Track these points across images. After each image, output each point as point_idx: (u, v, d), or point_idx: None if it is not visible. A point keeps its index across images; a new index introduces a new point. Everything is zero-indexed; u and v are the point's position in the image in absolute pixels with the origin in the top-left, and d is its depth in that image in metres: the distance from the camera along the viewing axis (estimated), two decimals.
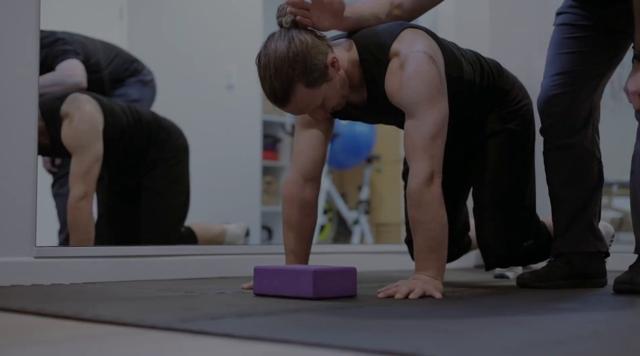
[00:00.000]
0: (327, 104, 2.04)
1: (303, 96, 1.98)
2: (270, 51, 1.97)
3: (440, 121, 1.98)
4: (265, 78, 1.98)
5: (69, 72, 3.22)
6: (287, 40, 1.97)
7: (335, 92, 2.04)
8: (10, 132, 2.32)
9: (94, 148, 2.94)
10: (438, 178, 1.98)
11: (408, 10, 2.20)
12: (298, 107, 2.01)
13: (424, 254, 1.98)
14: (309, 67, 1.96)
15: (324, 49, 2.01)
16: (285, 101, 1.99)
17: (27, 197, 2.32)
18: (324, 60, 1.99)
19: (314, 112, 2.05)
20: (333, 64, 2.00)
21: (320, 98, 2.00)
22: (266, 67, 1.97)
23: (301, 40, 1.97)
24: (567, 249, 2.30)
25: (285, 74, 1.95)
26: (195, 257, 2.79)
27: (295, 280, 1.93)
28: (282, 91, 1.97)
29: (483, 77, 2.26)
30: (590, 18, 2.28)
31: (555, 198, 2.34)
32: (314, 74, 1.96)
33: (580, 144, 2.30)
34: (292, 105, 2.00)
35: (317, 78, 1.97)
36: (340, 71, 2.03)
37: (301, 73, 1.95)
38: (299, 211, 2.22)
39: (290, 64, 1.94)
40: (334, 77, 2.02)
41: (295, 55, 1.95)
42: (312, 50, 1.97)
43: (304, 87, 1.96)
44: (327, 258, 3.14)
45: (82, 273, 2.43)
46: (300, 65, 1.95)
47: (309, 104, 2.00)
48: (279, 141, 5.83)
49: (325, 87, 2.00)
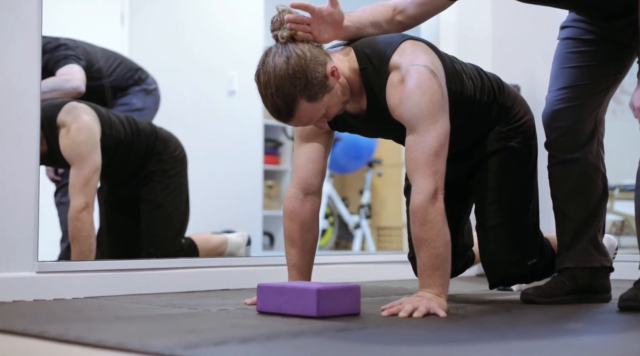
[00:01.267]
0: (330, 113, 2.04)
1: (306, 110, 1.97)
2: (269, 68, 1.95)
3: (442, 136, 1.97)
4: (266, 96, 1.97)
5: (67, 76, 3.22)
6: (286, 56, 1.95)
7: (337, 100, 2.03)
8: (11, 149, 2.31)
9: (93, 158, 2.93)
10: (441, 195, 1.96)
11: (411, 16, 2.18)
12: (302, 121, 2.01)
13: (428, 271, 1.97)
14: (310, 81, 1.95)
15: (323, 58, 2.00)
16: (289, 117, 1.99)
17: (28, 212, 2.31)
18: (324, 71, 1.98)
19: (318, 122, 2.05)
20: (333, 73, 1.99)
21: (323, 109, 2.00)
22: (267, 85, 1.95)
23: (299, 55, 1.96)
24: (571, 264, 2.29)
25: (287, 92, 1.94)
26: (197, 270, 2.78)
27: (298, 298, 1.92)
28: (285, 108, 1.96)
29: (484, 93, 2.24)
30: (595, 32, 2.27)
31: (559, 212, 2.33)
32: (315, 87, 1.96)
33: (585, 158, 2.29)
34: (296, 120, 2.00)
35: (319, 91, 1.96)
36: (340, 78, 2.02)
37: (303, 89, 1.94)
38: (300, 226, 2.21)
39: (291, 80, 1.93)
40: (335, 85, 2.01)
41: (295, 72, 1.93)
42: (312, 63, 1.96)
43: (307, 102, 1.96)
44: (329, 269, 3.13)
45: (84, 287, 2.43)
46: (301, 81, 1.94)
47: (312, 117, 2.00)
48: (280, 145, 5.83)
49: (327, 98, 1.99)
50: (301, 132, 2.22)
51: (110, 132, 3.05)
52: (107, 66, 3.50)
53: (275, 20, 2.03)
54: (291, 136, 5.47)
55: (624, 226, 5.97)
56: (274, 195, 5.80)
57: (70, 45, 3.35)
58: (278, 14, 2.03)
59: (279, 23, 2.02)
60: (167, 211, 3.24)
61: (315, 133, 2.21)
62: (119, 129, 3.09)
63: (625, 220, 5.89)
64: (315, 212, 2.24)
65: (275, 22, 2.03)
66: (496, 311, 2.10)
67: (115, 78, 3.51)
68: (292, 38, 2.00)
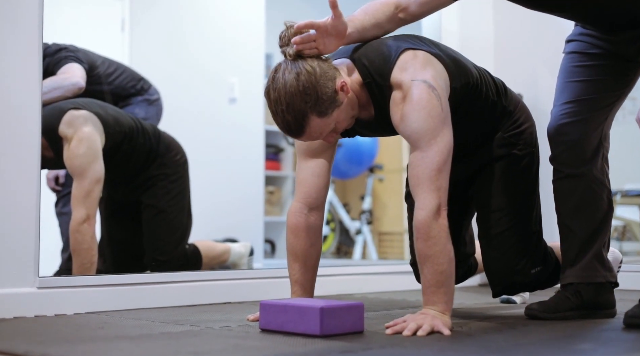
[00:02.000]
0: (339, 127, 2.05)
1: (317, 125, 1.99)
2: (279, 85, 1.96)
3: (444, 150, 1.96)
4: (277, 113, 1.97)
5: (67, 74, 3.22)
6: (295, 73, 1.96)
7: (346, 115, 2.05)
8: (12, 165, 2.29)
9: (94, 170, 2.91)
10: (444, 211, 1.96)
11: (413, 14, 2.17)
12: (312, 136, 2.02)
13: (432, 288, 1.96)
14: (320, 97, 1.95)
15: (332, 73, 2.00)
16: (300, 133, 2.00)
17: (29, 228, 2.30)
18: (333, 86, 1.98)
19: (327, 137, 2.05)
20: (342, 88, 2.00)
21: (333, 123, 2.02)
22: (277, 102, 1.96)
23: (309, 71, 1.96)
24: (575, 279, 2.27)
25: (298, 108, 1.94)
26: (199, 283, 2.76)
27: (301, 317, 1.90)
28: (296, 124, 1.97)
29: (489, 87, 2.24)
30: (601, 46, 2.25)
31: (564, 227, 2.32)
32: (326, 103, 1.97)
33: (590, 173, 2.27)
34: (307, 135, 2.01)
35: (329, 106, 1.98)
36: (349, 93, 2.03)
37: (313, 105, 1.95)
38: (303, 241, 2.20)
39: (301, 97, 1.94)
40: (344, 100, 2.01)
41: (305, 89, 1.94)
42: (321, 79, 1.97)
43: (317, 118, 1.97)
44: (331, 281, 3.12)
45: (86, 302, 2.41)
46: (311, 97, 1.94)
47: (322, 131, 2.02)
48: (281, 151, 5.82)
49: (336, 113, 2.00)
50: (305, 146, 2.21)
51: (114, 129, 3.04)
52: (109, 72, 3.49)
53: (283, 36, 2.03)
54: (292, 142, 5.47)
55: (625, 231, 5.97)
56: (275, 201, 5.79)
57: (71, 48, 3.36)
58: (286, 30, 2.02)
59: (287, 39, 2.02)
60: (169, 217, 3.23)
61: (319, 148, 2.21)
62: (123, 123, 3.08)
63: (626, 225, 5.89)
64: (319, 227, 2.24)
65: (283, 38, 2.03)
66: (501, 328, 2.08)
67: (117, 86, 3.51)
68: (300, 55, 2.00)
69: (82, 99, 3.13)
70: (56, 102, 3.06)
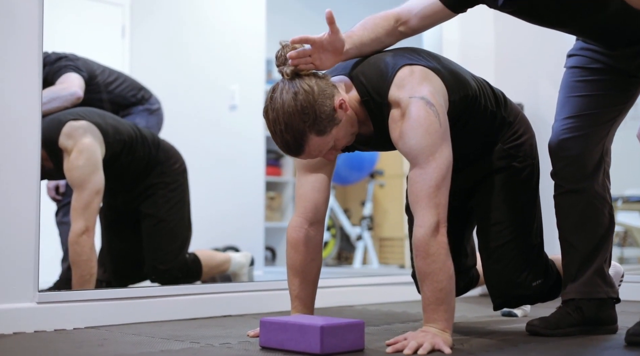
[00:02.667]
0: (338, 145, 2.05)
1: (316, 144, 1.98)
2: (277, 106, 1.95)
3: (443, 166, 1.95)
4: (276, 133, 1.97)
5: (65, 84, 3.22)
6: (293, 92, 1.95)
7: (346, 132, 2.04)
8: (12, 179, 2.29)
9: (93, 181, 2.90)
10: (443, 227, 1.95)
11: (414, 27, 2.18)
12: (311, 154, 2.02)
13: (432, 306, 1.95)
14: (319, 116, 1.95)
15: (330, 91, 2.00)
16: (299, 152, 2.00)
17: (29, 243, 2.30)
18: (332, 104, 1.98)
19: (327, 154, 2.05)
20: (341, 106, 2.00)
21: (332, 142, 2.01)
22: (276, 122, 1.96)
23: (306, 90, 1.96)
24: (577, 295, 2.26)
25: (296, 128, 1.94)
26: (199, 296, 2.76)
27: (302, 335, 1.90)
28: (295, 144, 1.97)
29: (488, 98, 2.23)
30: (602, 61, 2.24)
31: (565, 243, 2.31)
32: (324, 121, 1.96)
33: (591, 188, 2.26)
34: (306, 153, 2.01)
35: (327, 124, 1.97)
36: (348, 111, 2.02)
37: (312, 124, 1.95)
38: (304, 256, 2.20)
39: (300, 117, 1.94)
40: (343, 118, 2.01)
41: (303, 108, 1.93)
42: (319, 98, 1.96)
43: (316, 136, 1.97)
44: (332, 292, 3.11)
45: (85, 317, 2.41)
46: (310, 117, 1.94)
47: (321, 150, 2.01)
48: (282, 157, 5.81)
49: (335, 131, 2.00)
50: (305, 161, 2.20)
51: (113, 138, 3.03)
52: (109, 81, 3.49)
53: (279, 56, 2.02)
54: None
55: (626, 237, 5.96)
56: (276, 207, 5.79)
57: (71, 57, 3.36)
58: (281, 49, 2.02)
59: (283, 58, 2.01)
60: (169, 226, 3.22)
61: (319, 163, 2.20)
62: (122, 132, 3.08)
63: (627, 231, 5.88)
64: (319, 242, 2.23)
65: (279, 58, 2.02)
66: (502, 346, 2.07)
67: (118, 95, 3.51)
68: (297, 74, 1.99)
69: (81, 108, 3.12)
70: (55, 113, 3.06)
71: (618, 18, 2.06)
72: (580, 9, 2.07)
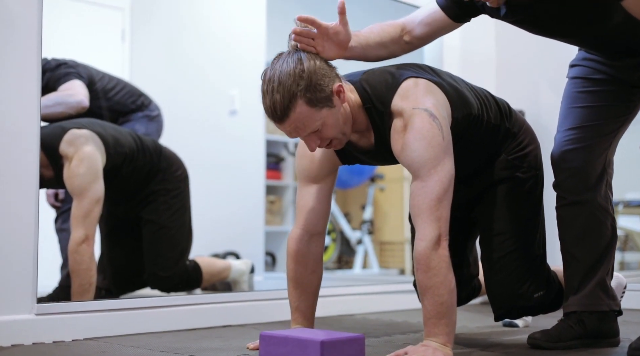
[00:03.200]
0: (325, 133, 1.99)
1: (302, 114, 1.93)
2: (277, 66, 1.95)
3: (445, 180, 1.94)
4: (267, 91, 1.95)
5: (70, 91, 3.20)
6: (296, 58, 1.95)
7: (336, 122, 1.99)
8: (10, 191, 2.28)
9: (93, 190, 2.89)
10: (445, 241, 1.93)
11: (418, 37, 2.17)
12: (295, 126, 1.96)
13: (433, 319, 1.93)
14: (313, 85, 1.93)
15: (332, 75, 1.99)
16: (283, 116, 1.94)
17: (27, 255, 2.29)
18: (330, 84, 1.96)
19: (309, 138, 1.99)
20: (339, 94, 1.97)
21: (319, 122, 1.96)
22: (270, 80, 1.94)
23: (309, 61, 1.96)
24: (579, 308, 2.25)
25: (288, 88, 1.91)
26: (198, 306, 2.74)
27: (302, 350, 1.88)
28: (282, 104, 1.92)
29: (491, 113, 2.22)
30: (605, 72, 2.23)
31: (567, 255, 2.29)
32: (318, 94, 1.93)
33: (593, 200, 2.25)
34: (290, 122, 1.95)
35: (320, 99, 1.94)
36: (344, 103, 2.00)
37: (304, 89, 1.92)
38: (304, 267, 2.19)
39: (294, 79, 1.92)
40: (338, 105, 1.98)
41: (301, 72, 1.92)
42: (319, 71, 1.95)
43: (305, 105, 1.93)
44: (332, 301, 3.10)
45: (84, 328, 2.40)
46: (304, 81, 1.92)
47: (306, 125, 1.96)
48: (282, 160, 5.79)
49: (326, 112, 1.96)
50: (307, 172, 2.19)
51: (114, 150, 3.02)
52: (109, 88, 3.48)
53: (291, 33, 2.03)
54: (292, 151, 5.45)
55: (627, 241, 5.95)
56: (276, 210, 5.77)
57: (71, 64, 3.35)
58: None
59: None
60: (170, 232, 3.21)
61: (321, 174, 2.19)
62: (123, 144, 3.06)
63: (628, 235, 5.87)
64: (320, 253, 2.22)
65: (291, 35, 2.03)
66: None
67: (117, 102, 3.49)
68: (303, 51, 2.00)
69: (83, 118, 3.11)
70: (58, 122, 3.05)
71: (621, 29, 2.05)
72: (583, 20, 2.06)
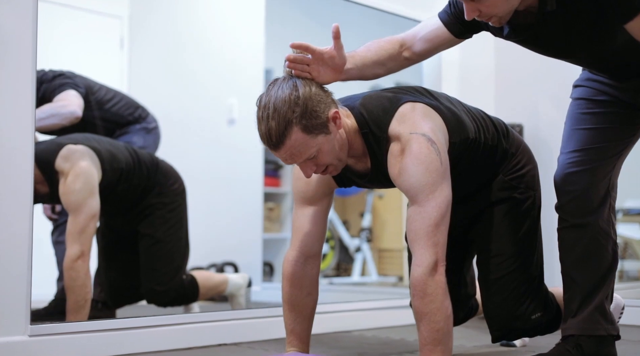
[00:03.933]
0: (321, 159, 1.97)
1: (298, 141, 1.91)
2: (272, 93, 1.93)
3: (442, 205, 1.93)
4: (262, 118, 1.92)
5: (64, 102, 3.19)
6: (291, 84, 1.93)
7: (332, 148, 1.97)
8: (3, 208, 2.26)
9: (89, 205, 2.87)
10: (442, 267, 1.92)
11: (418, 53, 2.16)
12: (291, 153, 1.94)
13: (429, 346, 1.92)
14: (309, 112, 1.90)
15: (328, 101, 1.96)
16: (279, 143, 1.92)
17: (21, 276, 2.27)
18: (326, 111, 1.94)
19: (305, 165, 1.98)
20: (335, 120, 1.95)
21: (315, 149, 1.94)
22: (265, 107, 1.92)
23: (304, 88, 1.93)
24: (577, 331, 2.23)
25: (283, 115, 1.89)
26: (193, 325, 2.72)
27: None
28: (277, 131, 1.90)
29: (488, 135, 2.21)
30: (608, 93, 2.20)
31: (567, 277, 2.27)
32: (313, 120, 1.91)
33: (595, 223, 2.22)
34: (286, 148, 1.92)
35: (316, 126, 1.91)
36: (340, 129, 1.98)
37: (300, 116, 1.89)
38: (300, 290, 2.18)
39: (290, 105, 1.89)
40: (334, 132, 1.96)
41: (296, 98, 1.90)
42: (315, 98, 1.93)
43: (301, 132, 1.90)
44: (328, 318, 3.08)
45: (79, 349, 2.38)
46: (300, 108, 1.90)
47: (302, 152, 1.93)
48: (280, 168, 5.78)
49: (322, 139, 1.94)
50: (303, 194, 2.18)
51: (110, 165, 3.00)
52: (106, 99, 3.46)
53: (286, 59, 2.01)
54: None
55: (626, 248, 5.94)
56: (275, 218, 5.75)
57: (68, 75, 3.33)
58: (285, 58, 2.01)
59: None
60: (167, 247, 3.19)
61: (317, 196, 2.17)
62: (119, 159, 3.04)
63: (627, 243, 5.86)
64: (316, 275, 2.21)
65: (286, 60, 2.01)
66: None
67: (115, 114, 3.48)
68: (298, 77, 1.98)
69: (79, 134, 3.09)
70: (52, 133, 3.04)
71: (625, 50, 2.03)
72: (586, 41, 2.04)
